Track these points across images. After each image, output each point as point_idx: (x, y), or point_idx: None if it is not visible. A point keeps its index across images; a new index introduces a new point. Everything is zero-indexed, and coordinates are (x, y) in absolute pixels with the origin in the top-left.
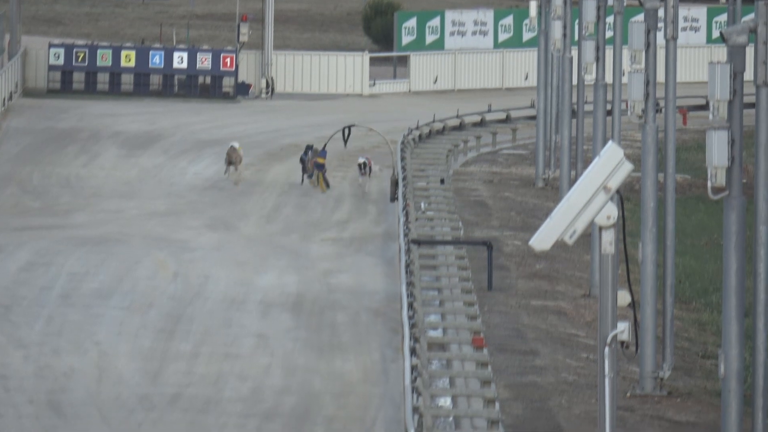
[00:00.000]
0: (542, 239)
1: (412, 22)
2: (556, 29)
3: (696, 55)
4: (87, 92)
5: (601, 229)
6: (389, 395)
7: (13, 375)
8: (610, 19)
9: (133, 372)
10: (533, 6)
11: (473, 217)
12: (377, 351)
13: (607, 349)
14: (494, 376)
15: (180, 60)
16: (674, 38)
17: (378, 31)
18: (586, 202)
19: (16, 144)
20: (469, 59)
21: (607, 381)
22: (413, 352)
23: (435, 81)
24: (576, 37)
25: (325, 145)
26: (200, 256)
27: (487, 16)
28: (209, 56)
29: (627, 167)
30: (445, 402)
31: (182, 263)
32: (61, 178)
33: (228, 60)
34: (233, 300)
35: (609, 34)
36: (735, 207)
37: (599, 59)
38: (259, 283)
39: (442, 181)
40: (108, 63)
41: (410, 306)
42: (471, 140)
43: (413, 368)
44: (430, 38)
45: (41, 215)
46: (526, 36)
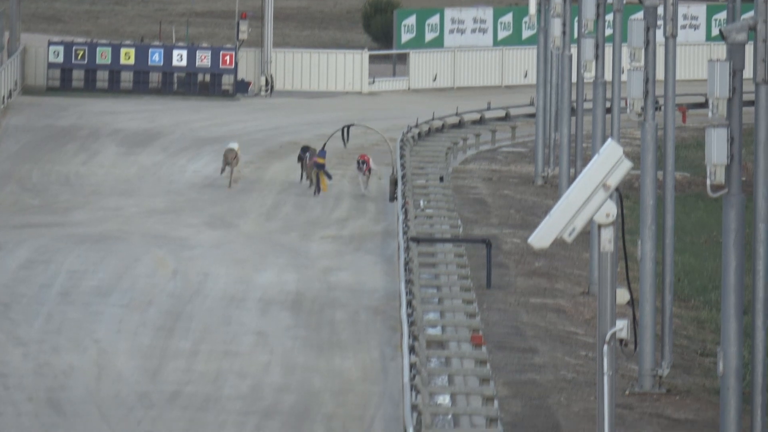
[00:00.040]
0: (541, 237)
1: (412, 20)
2: (556, 27)
3: (695, 53)
4: (86, 90)
5: (600, 227)
6: (388, 393)
7: (13, 373)
8: (610, 17)
9: (133, 370)
10: (532, 4)
11: (472, 215)
12: (376, 349)
13: (606, 347)
14: (493, 374)
15: (179, 58)
16: (674, 36)
17: (377, 29)
18: (586, 200)
19: (16, 142)
20: (469, 57)
21: (606, 379)
22: (412, 350)
23: (434, 79)
24: (575, 35)
25: (324, 145)
26: (199, 254)
27: (487, 14)
28: (209, 54)
29: (626, 165)
30: (444, 400)
31: (181, 261)
32: (61, 176)
33: (227, 58)
34: (233, 298)
35: (608, 32)
36: (734, 205)
37: (599, 57)
38: (259, 281)
39: (442, 179)
40: (107, 61)
41: (409, 304)
42: (470, 138)
43: (412, 366)
44: (430, 36)
45: (41, 213)
46: (526, 34)
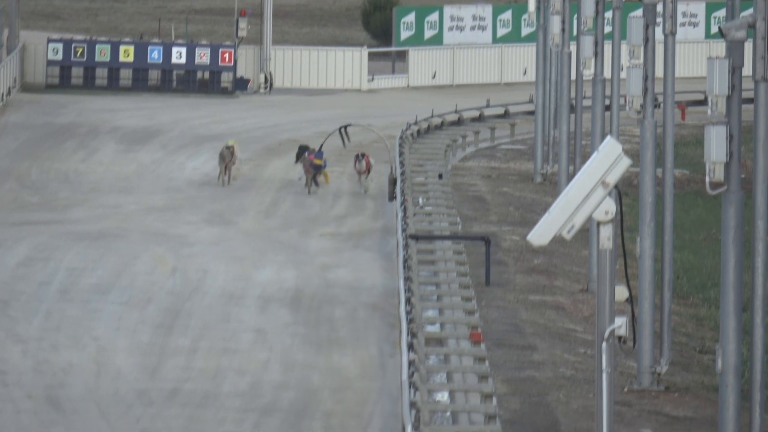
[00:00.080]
0: (540, 234)
1: (411, 17)
2: (555, 24)
3: (694, 51)
4: (85, 87)
5: (600, 224)
6: (387, 390)
7: (12, 370)
8: (609, 14)
9: (132, 367)
10: (532, 1)
11: (471, 212)
12: (375, 346)
13: (605, 344)
14: (492, 371)
15: (179, 55)
16: (673, 33)
17: (377, 26)
18: (585, 197)
19: (15, 139)
20: (468, 54)
21: (605, 376)
22: (411, 347)
23: (433, 76)
24: (575, 32)
25: (321, 146)
26: (199, 251)
27: (486, 11)
28: (208, 51)
29: (625, 162)
30: (443, 397)
31: (181, 258)
32: (60, 173)
33: (227, 55)
34: (232, 295)
35: (608, 29)
36: (733, 202)
37: (598, 54)
38: (258, 278)
39: (441, 176)
40: (106, 58)
41: (408, 301)
42: (469, 135)
43: (411, 363)
44: (429, 33)
45: (40, 210)
46: (525, 31)
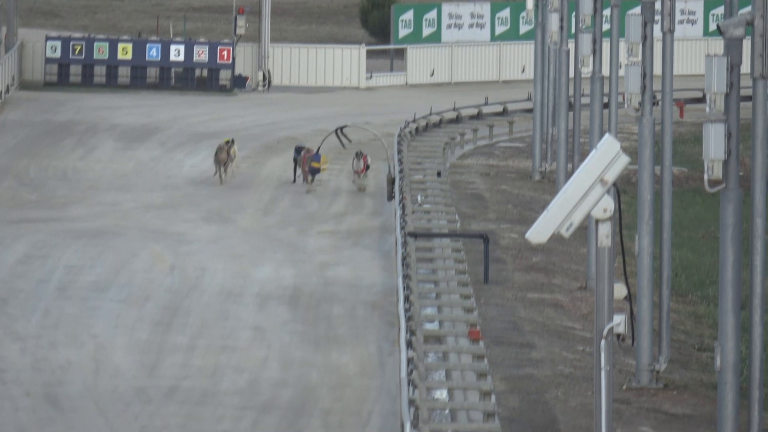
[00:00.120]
0: (539, 232)
1: (409, 15)
2: (553, 22)
3: (693, 48)
4: (84, 85)
5: (598, 222)
6: (386, 388)
7: (10, 368)
8: (607, 12)
9: (130, 365)
10: None
11: (470, 210)
12: (374, 344)
13: (604, 342)
14: (490, 369)
15: (177, 53)
16: (671, 31)
17: (375, 24)
18: (583, 195)
19: (13, 137)
20: (466, 52)
21: (603, 374)
22: (409, 345)
23: (432, 74)
24: (573, 30)
25: (318, 149)
26: (197, 249)
27: (484, 9)
28: (206, 49)
29: (624, 160)
30: (442, 394)
31: (179, 256)
32: (58, 171)
33: (225, 53)
34: (230, 293)
35: (606, 27)
36: (731, 200)
37: (596, 52)
38: (256, 276)
39: (439, 174)
40: (105, 56)
41: (407, 299)
42: (468, 133)
43: (409, 361)
44: (427, 31)
45: (38, 208)
46: (523, 29)
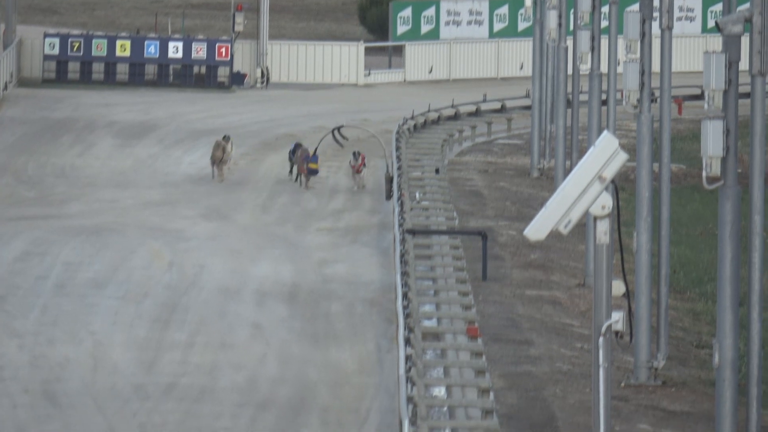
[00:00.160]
0: (537, 229)
1: (408, 12)
2: (552, 19)
3: (691, 45)
4: (82, 82)
5: (596, 219)
6: (384, 385)
7: (8, 365)
8: (606, 9)
9: (128, 362)
10: None
11: (468, 207)
12: (372, 341)
13: (602, 339)
14: (489, 366)
15: (175, 50)
16: (669, 28)
17: (373, 21)
18: (581, 192)
19: (11, 134)
20: (465, 49)
21: (602, 371)
22: (408, 342)
23: (430, 71)
24: (571, 27)
25: (316, 150)
26: (195, 246)
27: (483, 6)
28: (204, 46)
29: (622, 157)
30: (440, 392)
31: (177, 253)
32: (56, 168)
33: (223, 50)
34: (228, 290)
35: (604, 24)
36: (730, 197)
37: (594, 49)
38: (255, 273)
39: (437, 171)
40: (103, 53)
41: (405, 296)
42: (466, 130)
43: (408, 358)
44: (426, 28)
45: (36, 205)
46: (522, 26)
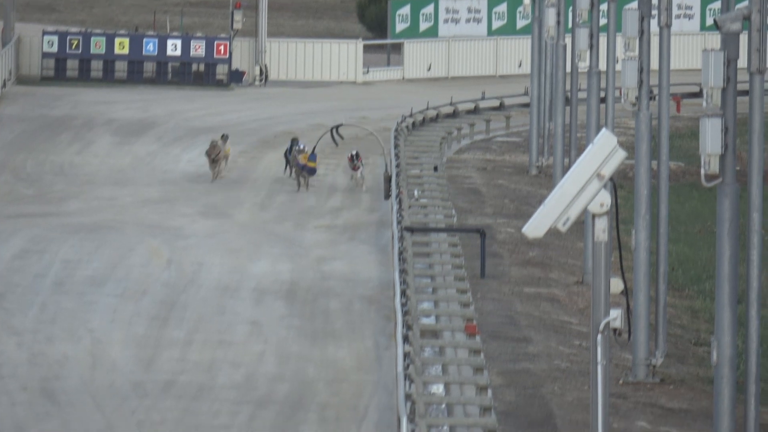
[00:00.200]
0: (535, 226)
1: (406, 10)
2: (550, 16)
3: (690, 43)
4: (81, 80)
5: (595, 217)
6: (382, 382)
7: (7, 362)
8: (604, 7)
9: (127, 359)
10: None
11: (467, 205)
12: (370, 338)
13: (600, 337)
14: (487, 363)
15: (174, 47)
16: (668, 25)
17: (372, 19)
18: (580, 190)
19: (10, 131)
20: (463, 47)
21: (600, 368)
22: (406, 340)
23: (429, 68)
24: (570, 25)
25: (314, 149)
26: (194, 244)
27: (481, 4)
28: (203, 44)
29: (620, 154)
30: (438, 389)
31: (176, 250)
32: (55, 166)
33: (222, 47)
34: (227, 287)
35: (603, 22)
36: (728, 194)
37: (593, 46)
38: (253, 271)
39: (436, 169)
40: (102, 50)
41: (403, 293)
42: (464, 128)
43: (406, 355)
44: (424, 26)
45: (35, 203)
46: (520, 23)
